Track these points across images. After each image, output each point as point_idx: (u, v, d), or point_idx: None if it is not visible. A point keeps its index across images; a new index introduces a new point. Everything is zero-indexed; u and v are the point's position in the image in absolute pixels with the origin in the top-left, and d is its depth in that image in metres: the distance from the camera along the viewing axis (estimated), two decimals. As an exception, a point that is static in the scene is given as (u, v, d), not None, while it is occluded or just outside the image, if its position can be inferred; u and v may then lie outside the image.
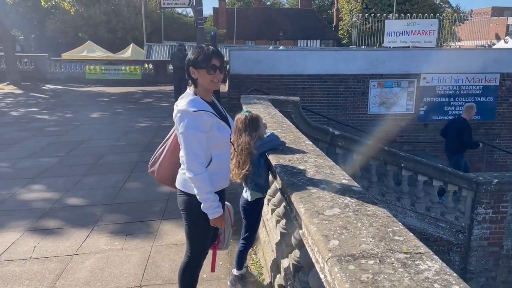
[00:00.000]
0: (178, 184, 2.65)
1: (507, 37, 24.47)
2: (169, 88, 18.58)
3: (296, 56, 12.33)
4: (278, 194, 3.59)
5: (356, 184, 2.43)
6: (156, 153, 2.80)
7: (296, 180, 2.43)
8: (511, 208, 6.80)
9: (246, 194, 3.13)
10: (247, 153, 2.88)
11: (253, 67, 11.85)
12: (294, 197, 2.23)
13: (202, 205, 2.50)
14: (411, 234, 1.77)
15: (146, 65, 21.67)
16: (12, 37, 23.02)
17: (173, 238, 4.38)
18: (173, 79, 13.86)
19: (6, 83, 18.55)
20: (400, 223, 1.88)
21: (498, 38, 51.95)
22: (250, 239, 3.25)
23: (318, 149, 3.21)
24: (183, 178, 2.57)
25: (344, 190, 2.28)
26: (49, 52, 24.79)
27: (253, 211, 3.20)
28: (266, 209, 4.10)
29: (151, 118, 11.58)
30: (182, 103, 2.48)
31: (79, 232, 4.52)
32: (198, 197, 2.49)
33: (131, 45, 27.78)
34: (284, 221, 3.35)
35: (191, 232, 2.70)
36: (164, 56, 25.03)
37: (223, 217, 2.60)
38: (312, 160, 2.85)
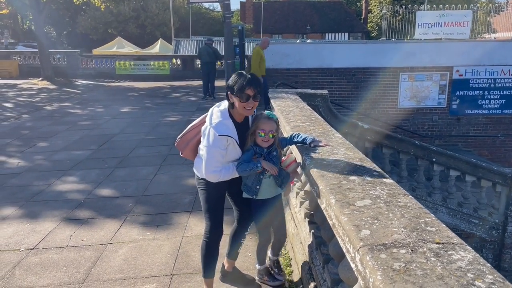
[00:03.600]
0: (195, 168, 3.00)
1: (546, 27, 23.35)
2: (197, 83, 18.78)
3: (323, 49, 12.22)
4: (307, 186, 3.59)
5: (386, 176, 2.41)
6: (186, 133, 3.04)
7: (326, 172, 2.44)
8: (548, 204, 6.56)
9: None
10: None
11: (280, 61, 11.84)
12: (324, 188, 2.23)
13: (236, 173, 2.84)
14: (444, 225, 1.75)
15: (174, 60, 21.94)
16: (45, 34, 23.77)
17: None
18: (202, 74, 13.99)
19: (40, 78, 19.20)
20: (432, 215, 1.86)
21: (536, 28, 49.67)
22: (261, 238, 3.23)
23: (348, 142, 3.19)
24: (198, 163, 2.92)
25: (375, 182, 2.27)
26: (80, 48, 25.48)
27: (259, 211, 3.06)
28: (295, 202, 4.12)
29: (180, 112, 11.74)
30: (215, 117, 2.75)
31: (112, 222, 4.66)
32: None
33: (159, 40, 28.20)
34: (312, 213, 3.36)
35: (205, 211, 3.04)
36: (192, 51, 25.27)
37: (268, 163, 2.78)
38: (342, 153, 2.84)
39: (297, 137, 3.01)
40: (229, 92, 2.75)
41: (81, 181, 6.09)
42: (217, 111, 2.81)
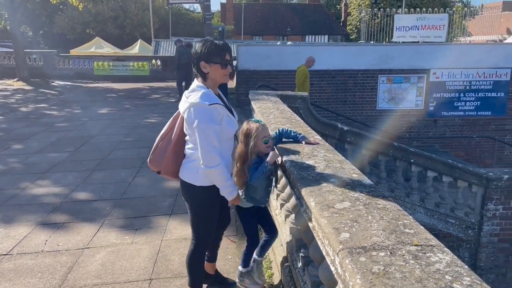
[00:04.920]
0: (182, 175, 2.71)
1: (518, 31, 24.09)
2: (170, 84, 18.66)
3: (304, 51, 12.27)
4: (288, 189, 3.59)
5: (366, 178, 2.43)
6: (157, 146, 2.80)
7: (306, 174, 2.43)
8: (522, 204, 6.74)
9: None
10: (242, 165, 2.69)
11: (261, 63, 11.85)
12: (304, 191, 2.23)
13: (221, 191, 2.62)
14: (422, 227, 1.77)
15: (153, 61, 21.70)
16: (21, 33, 23.20)
17: (182, 232, 4.40)
18: (179, 76, 13.80)
19: (16, 79, 18.71)
20: (410, 217, 1.88)
21: (509, 32, 51.27)
22: (249, 242, 3.15)
23: (327, 144, 3.20)
24: (187, 169, 2.63)
25: (354, 184, 2.28)
26: (57, 48, 24.97)
27: (244, 218, 3.05)
28: (275, 203, 4.11)
29: (159, 114, 11.62)
30: (195, 96, 2.49)
31: (89, 226, 4.57)
32: (217, 184, 2.59)
33: (139, 41, 27.89)
34: (293, 215, 3.36)
35: (195, 220, 2.80)
36: (172, 52, 25.04)
37: (239, 196, 2.75)
38: (322, 155, 2.84)
39: (287, 133, 3.01)
40: (203, 61, 2.50)
41: (57, 184, 5.95)
42: (191, 90, 2.56)
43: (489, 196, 6.65)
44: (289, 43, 22.13)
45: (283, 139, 3.16)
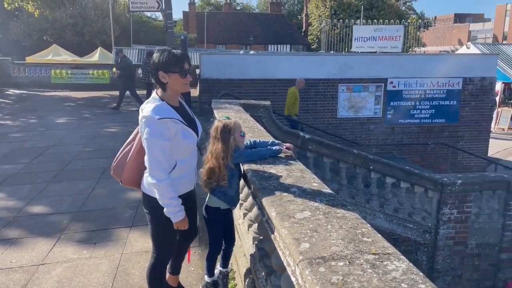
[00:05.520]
0: (143, 187, 2.67)
1: (469, 43, 25.45)
2: (138, 92, 18.28)
3: (266, 60, 12.42)
4: (250, 199, 3.59)
5: (326, 187, 2.47)
6: (120, 154, 2.78)
7: (267, 184, 2.45)
8: (475, 208, 7.06)
9: (209, 199, 3.00)
10: (222, 163, 2.74)
11: (223, 72, 11.86)
12: (266, 201, 2.23)
13: (164, 209, 2.54)
14: (379, 235, 1.82)
15: (114, 69, 21.22)
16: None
17: (143, 245, 4.30)
18: (127, 86, 13.49)
19: (-34, 87, 17.78)
20: (368, 225, 1.92)
21: (460, 43, 53.98)
22: (212, 248, 3.14)
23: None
24: (148, 181, 2.58)
25: (315, 193, 2.31)
26: (12, 55, 23.93)
27: (210, 219, 3.04)
28: (238, 213, 4.10)
29: (120, 123, 11.36)
30: (147, 109, 2.48)
31: (45, 241, 4.37)
32: (160, 202, 2.53)
33: (99, 48, 27.18)
34: (256, 225, 3.36)
35: (156, 233, 2.74)
36: (134, 60, 24.61)
37: (185, 220, 2.63)
38: (283, 164, 2.87)
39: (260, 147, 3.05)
40: (161, 71, 2.47)
41: (11, 198, 5.67)
42: (147, 102, 2.54)
43: (444, 201, 6.92)
44: (251, 52, 22.31)
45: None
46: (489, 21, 68.47)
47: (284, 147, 3.06)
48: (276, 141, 3.19)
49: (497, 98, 20.11)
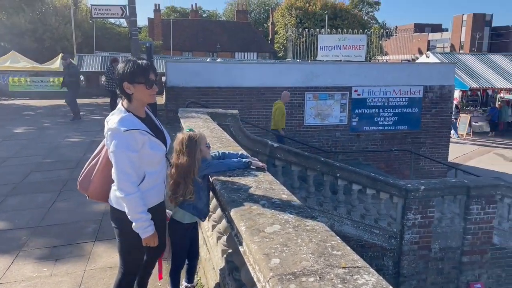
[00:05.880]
0: (111, 201, 2.60)
1: (428, 52, 26.45)
2: (102, 100, 17.88)
3: (233, 68, 12.41)
4: (219, 210, 3.53)
5: (295, 199, 2.45)
6: (86, 168, 2.71)
7: (236, 197, 2.41)
8: (437, 212, 7.26)
9: (174, 212, 2.91)
10: (188, 177, 2.68)
11: (190, 80, 11.74)
12: (235, 215, 2.20)
13: (133, 224, 2.47)
14: (349, 248, 1.81)
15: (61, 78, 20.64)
16: None
17: (108, 260, 4.15)
18: (74, 95, 12.97)
19: None
20: (338, 237, 1.91)
21: (420, 52, 56.09)
22: (175, 262, 3.05)
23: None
24: (115, 195, 2.50)
25: (284, 206, 2.29)
26: (-33, 62, 22.81)
27: (176, 233, 2.94)
28: (207, 225, 4.03)
29: (83, 132, 11.02)
30: (113, 121, 2.42)
31: (1, 259, 4.15)
32: (129, 216, 2.46)
33: (60, 55, 26.39)
34: (225, 237, 3.31)
35: (124, 248, 2.66)
36: (97, 68, 24.03)
37: (154, 235, 2.56)
38: (252, 176, 2.84)
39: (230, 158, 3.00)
40: (126, 82, 2.42)
41: (-37, 214, 5.35)
42: (111, 114, 2.49)
43: (408, 206, 7.07)
44: (218, 60, 22.29)
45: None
46: (447, 31, 71.69)
47: (256, 167, 3.02)
48: (245, 154, 3.15)
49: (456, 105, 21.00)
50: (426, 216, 7.17)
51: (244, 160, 2.97)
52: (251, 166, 2.97)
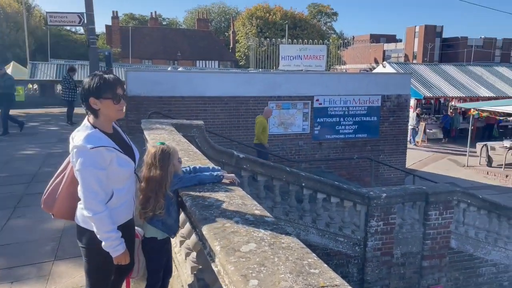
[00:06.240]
0: (77, 220, 2.49)
1: (384, 62, 27.46)
2: (58, 110, 17.20)
3: (196, 78, 12.31)
4: (187, 226, 3.46)
5: (268, 214, 2.44)
6: (50, 186, 2.59)
7: (208, 214, 2.36)
8: (398, 219, 7.47)
9: (146, 229, 2.82)
10: (160, 191, 2.61)
11: (152, 89, 11.53)
12: (208, 233, 2.15)
13: (103, 243, 2.38)
14: (325, 265, 1.81)
15: (30, 86, 19.81)
16: None
17: (69, 280, 3.95)
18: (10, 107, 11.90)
19: None
20: (314, 254, 1.91)
21: (376, 62, 58.10)
22: (151, 281, 2.93)
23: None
24: (82, 213, 2.40)
25: (258, 222, 2.27)
26: None
27: (150, 251, 2.85)
28: (174, 241, 3.93)
29: (38, 144, 10.53)
30: (78, 138, 2.34)
31: (-50, 284, 3.86)
32: (98, 236, 2.37)
33: (12, 63, 25.23)
34: (194, 253, 3.24)
35: (91, 268, 2.56)
36: (52, 76, 23.14)
37: (126, 253, 2.49)
38: (223, 191, 2.80)
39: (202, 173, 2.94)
40: (92, 97, 2.35)
41: None
42: (77, 130, 2.40)
43: (371, 214, 7.23)
44: (180, 68, 22.06)
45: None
46: (401, 41, 74.71)
47: (229, 180, 2.99)
48: (217, 167, 3.11)
49: (411, 114, 21.82)
50: (388, 223, 7.35)
51: (216, 174, 2.93)
52: (223, 181, 2.93)
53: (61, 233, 4.97)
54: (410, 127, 21.42)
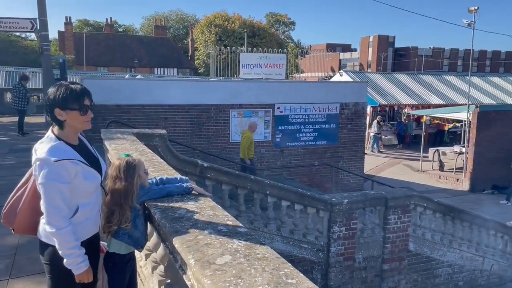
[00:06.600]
0: (40, 235, 2.39)
1: (341, 70, 28.24)
2: (8, 119, 16.37)
3: (156, 85, 12.12)
4: (153, 238, 3.37)
5: (240, 224, 2.42)
6: (11, 200, 2.47)
7: (179, 227, 2.30)
8: (359, 224, 7.65)
9: (109, 243, 2.71)
10: (126, 203, 2.53)
11: (110, 97, 11.22)
12: (181, 246, 2.09)
13: (65, 260, 2.28)
14: (302, 274, 1.82)
15: None
16: None
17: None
18: None
19: None
20: (289, 264, 1.91)
21: (333, 70, 59.69)
22: None
23: (197, 187, 3.12)
24: (45, 228, 2.30)
25: (231, 233, 2.24)
26: None
27: (113, 268, 2.73)
28: (139, 254, 3.81)
29: (-14, 155, 9.94)
30: (41, 150, 2.24)
31: None
32: (60, 252, 2.27)
33: None
34: (162, 267, 3.15)
35: (54, 285, 2.45)
36: (1, 84, 21.99)
37: (89, 271, 2.39)
38: (193, 201, 2.75)
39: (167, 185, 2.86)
40: (57, 108, 2.27)
41: None
42: (40, 142, 2.31)
43: (333, 220, 7.36)
44: (138, 76, 21.64)
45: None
46: (356, 51, 77.23)
47: (198, 192, 2.95)
48: (184, 178, 3.06)
49: (367, 120, 22.55)
50: (350, 228, 7.51)
51: (185, 185, 2.88)
52: (193, 192, 2.88)
53: (16, 250, 4.70)
54: (372, 134, 22.16)
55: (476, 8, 17.42)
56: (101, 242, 2.75)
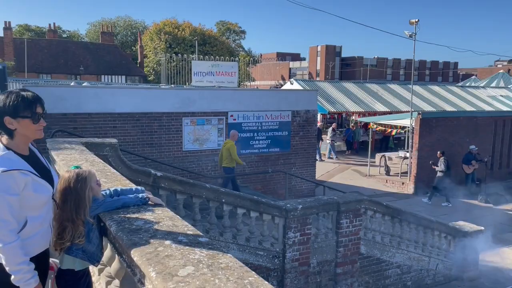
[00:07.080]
0: None
1: (292, 79, 28.83)
2: None
3: (105, 93, 11.73)
4: (107, 251, 3.23)
5: (200, 233, 2.39)
6: None
7: (138, 239, 2.23)
8: (313, 229, 7.79)
9: (62, 260, 2.56)
10: (78, 218, 2.40)
11: (54, 105, 10.68)
12: (140, 259, 2.03)
13: (12, 277, 2.15)
14: (266, 282, 1.81)
15: None
16: None
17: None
18: None
19: None
20: (253, 272, 1.91)
21: (283, 79, 60.76)
22: None
23: (155, 197, 3.04)
24: None
25: (192, 243, 2.20)
26: None
27: (68, 284, 2.58)
28: (92, 270, 3.64)
29: None
30: None
31: None
32: (7, 268, 2.14)
33: None
34: (117, 281, 3.03)
35: None
36: None
37: (39, 287, 2.28)
38: (150, 212, 2.67)
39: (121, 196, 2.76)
40: (7, 117, 2.17)
41: None
42: None
43: (288, 226, 7.44)
44: (85, 83, 20.86)
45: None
46: (305, 60, 79.11)
47: (154, 202, 2.87)
48: (140, 188, 2.97)
49: (329, 129, 23.14)
50: (304, 233, 7.62)
51: (141, 195, 2.79)
52: (149, 202, 2.80)
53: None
54: (327, 141, 22.70)
55: (416, 20, 18.42)
56: (51, 259, 2.60)
